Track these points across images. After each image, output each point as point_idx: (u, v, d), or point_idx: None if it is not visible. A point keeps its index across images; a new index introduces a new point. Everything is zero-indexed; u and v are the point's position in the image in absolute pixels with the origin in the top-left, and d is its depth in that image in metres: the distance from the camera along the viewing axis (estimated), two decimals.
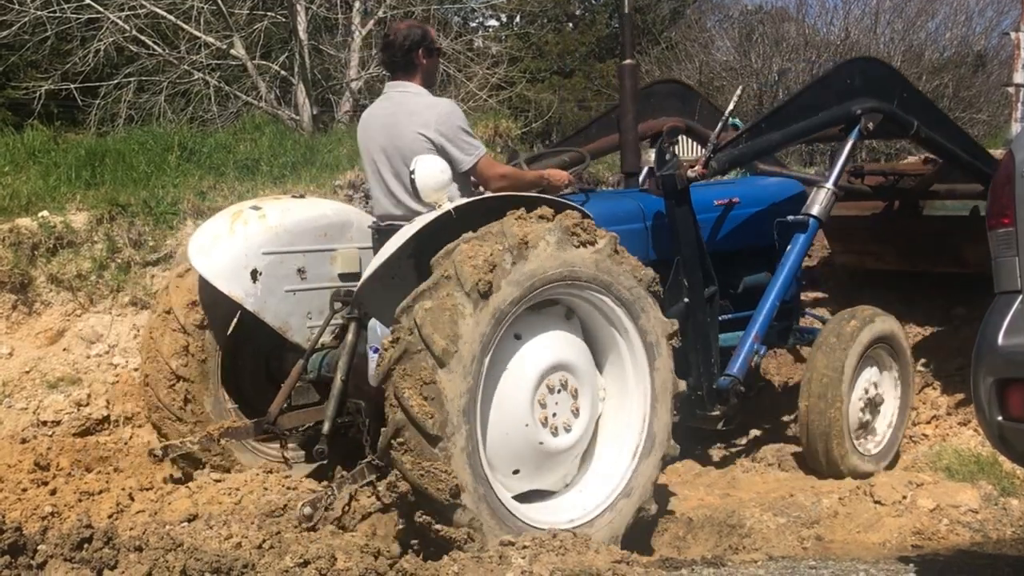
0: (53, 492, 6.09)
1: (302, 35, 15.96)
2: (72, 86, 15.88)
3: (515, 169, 5.97)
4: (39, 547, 3.97)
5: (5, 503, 5.95)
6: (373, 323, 5.68)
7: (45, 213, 7.80)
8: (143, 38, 16.03)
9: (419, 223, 5.18)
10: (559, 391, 5.26)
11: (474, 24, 24.48)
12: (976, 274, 4.49)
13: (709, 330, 6.56)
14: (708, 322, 6.55)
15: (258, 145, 10.06)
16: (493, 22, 25.06)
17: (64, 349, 7.37)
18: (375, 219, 6.15)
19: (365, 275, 5.20)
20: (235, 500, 5.73)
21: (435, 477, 4.71)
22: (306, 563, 4.28)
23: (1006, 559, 5.24)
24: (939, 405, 7.73)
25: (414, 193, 5.37)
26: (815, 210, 6.96)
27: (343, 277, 6.40)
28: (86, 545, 4.05)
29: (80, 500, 6.00)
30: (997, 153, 10.35)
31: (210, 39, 16.25)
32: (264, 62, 17.10)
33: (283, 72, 17.11)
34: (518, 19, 24.02)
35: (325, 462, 6.14)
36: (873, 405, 6.98)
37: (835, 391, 6.59)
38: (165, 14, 15.80)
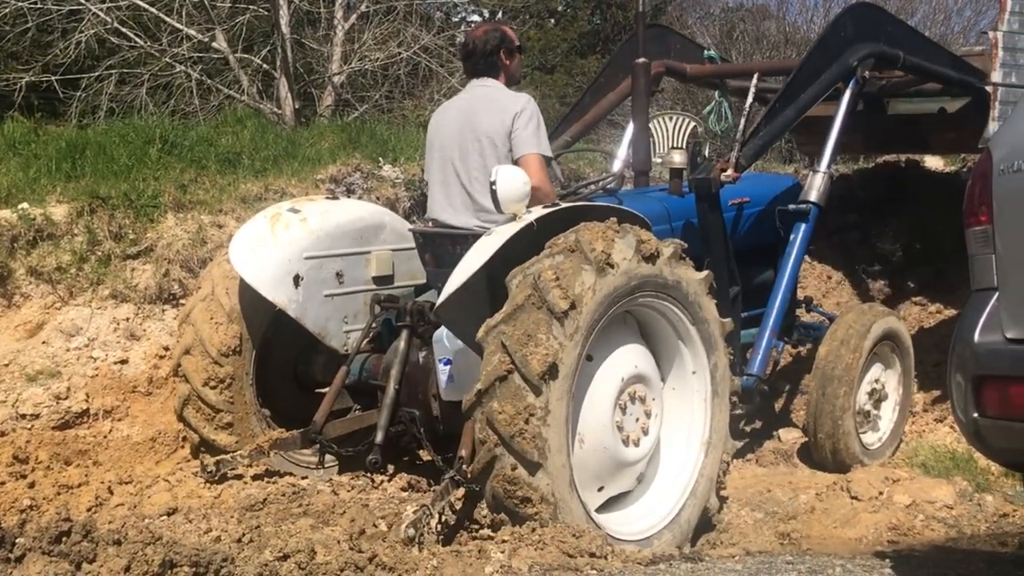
0: (32, 485, 6.08)
1: (284, 29, 15.91)
2: (53, 78, 15.76)
3: (550, 186, 5.83)
4: (17, 540, 3.96)
5: None
6: (440, 334, 5.61)
7: (25, 205, 7.77)
8: (124, 30, 15.94)
9: (500, 237, 5.10)
10: (633, 403, 5.28)
11: (456, 19, 24.43)
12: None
13: (734, 331, 6.54)
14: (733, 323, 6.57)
15: (240, 138, 10.02)
16: (475, 17, 25.01)
17: (43, 342, 7.34)
18: (428, 220, 6.13)
19: (447, 290, 5.05)
20: (214, 494, 5.73)
21: (529, 501, 4.74)
22: (285, 557, 4.28)
23: (980, 554, 5.28)
24: (915, 402, 7.77)
25: (494, 203, 5.31)
26: (814, 196, 6.94)
27: (377, 280, 6.38)
28: (65, 538, 4.03)
29: (59, 493, 5.99)
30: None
31: (192, 32, 16.19)
32: (246, 55, 17.04)
33: (265, 66, 17.06)
34: (500, 15, 23.96)
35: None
36: (877, 401, 7.03)
37: (846, 385, 6.62)
38: (147, 6, 15.73)
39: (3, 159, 8.67)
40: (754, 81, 7.23)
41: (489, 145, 5.72)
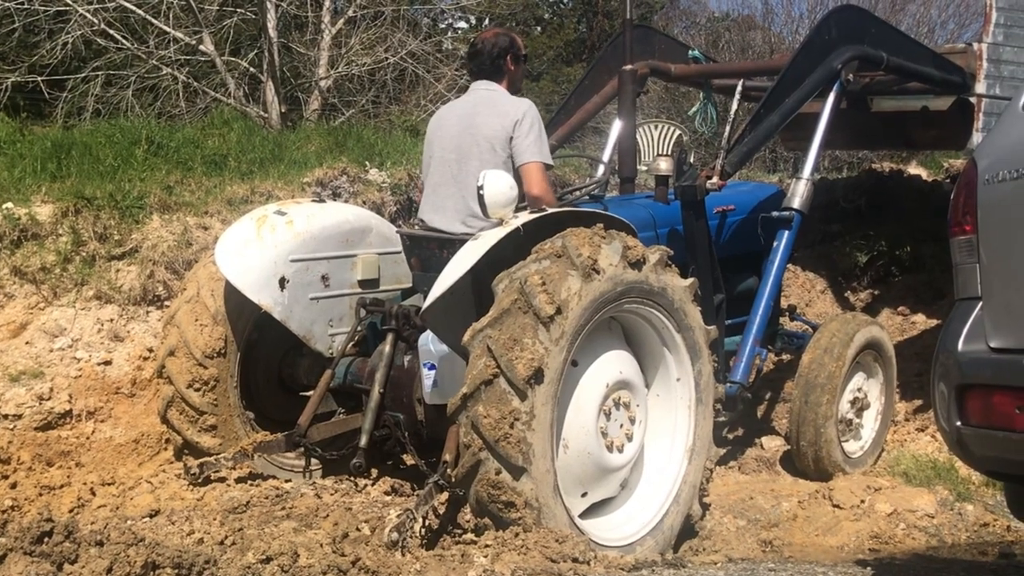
0: (14, 486, 6.06)
1: (272, 32, 15.88)
2: (39, 79, 15.70)
3: (552, 195, 5.82)
4: None
5: None
6: (425, 338, 5.60)
7: (9, 205, 7.74)
8: (111, 32, 15.88)
9: (486, 241, 5.08)
10: (617, 409, 5.27)
11: (443, 25, 24.47)
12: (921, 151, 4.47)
13: (718, 338, 6.50)
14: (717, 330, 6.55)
15: (226, 141, 10.01)
16: (462, 24, 25.06)
17: (27, 342, 7.31)
18: (416, 222, 6.11)
19: (433, 294, 5.04)
20: (197, 496, 5.73)
21: (513, 506, 4.72)
22: (268, 559, 4.28)
23: (961, 563, 5.30)
24: (897, 411, 7.81)
25: (481, 207, 5.28)
26: (796, 203, 6.91)
27: (363, 284, 6.38)
28: (46, 539, 4.03)
29: (41, 494, 5.97)
30: (959, 163, 10.54)
31: (179, 34, 16.14)
32: (233, 59, 17.00)
33: (252, 69, 17.02)
34: (487, 21, 23.99)
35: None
36: (859, 409, 7.04)
37: (828, 393, 6.62)
38: (134, 8, 15.68)
39: None
40: (739, 88, 7.23)
41: (488, 149, 5.71)
